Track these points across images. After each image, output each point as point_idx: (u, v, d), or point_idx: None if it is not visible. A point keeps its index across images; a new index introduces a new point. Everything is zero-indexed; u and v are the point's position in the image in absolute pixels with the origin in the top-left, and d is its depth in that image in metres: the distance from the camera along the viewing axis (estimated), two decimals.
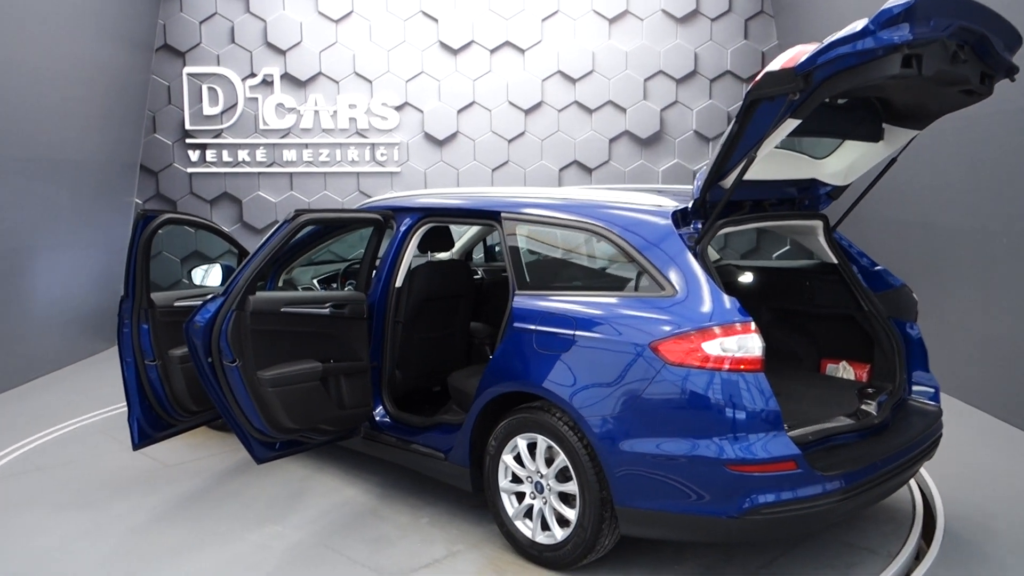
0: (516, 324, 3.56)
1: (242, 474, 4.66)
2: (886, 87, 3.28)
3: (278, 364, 3.71)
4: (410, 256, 4.35)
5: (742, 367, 3.00)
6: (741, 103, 2.97)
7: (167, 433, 4.42)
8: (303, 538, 3.85)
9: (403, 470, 4.46)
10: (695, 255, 3.23)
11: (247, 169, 8.35)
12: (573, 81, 8.35)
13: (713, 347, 3.01)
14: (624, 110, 8.38)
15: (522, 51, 8.32)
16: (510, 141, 8.41)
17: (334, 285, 5.48)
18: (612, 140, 8.42)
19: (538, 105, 8.37)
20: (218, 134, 8.31)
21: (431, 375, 4.74)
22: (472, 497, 3.98)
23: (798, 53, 2.86)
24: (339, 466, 4.73)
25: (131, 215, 8.35)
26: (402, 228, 4.35)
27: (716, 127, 8.39)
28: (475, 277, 5.22)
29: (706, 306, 3.09)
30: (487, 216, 4.00)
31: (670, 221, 3.34)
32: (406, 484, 4.45)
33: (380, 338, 4.32)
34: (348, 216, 4.12)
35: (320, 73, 8.28)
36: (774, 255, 8.20)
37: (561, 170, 8.45)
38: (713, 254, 4.04)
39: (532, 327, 3.50)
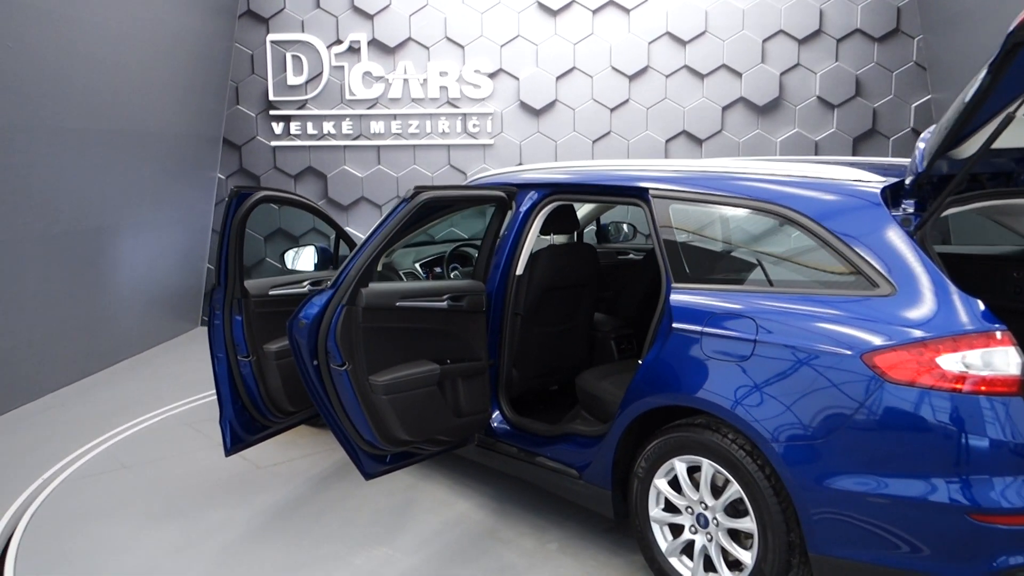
0: (676, 325, 2.96)
1: (340, 480, 4.21)
2: None
3: (392, 367, 3.19)
4: (532, 239, 3.79)
5: (986, 388, 2.34)
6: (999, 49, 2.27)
7: (261, 436, 3.98)
8: (416, 564, 3.35)
9: (518, 480, 3.93)
10: (916, 243, 2.57)
11: (332, 142, 7.90)
12: (683, 43, 7.62)
13: (952, 362, 2.35)
14: (739, 75, 7.61)
15: (627, 11, 7.62)
16: (612, 110, 7.74)
17: (437, 270, 4.96)
18: (725, 108, 7.67)
19: (644, 70, 7.67)
20: (302, 105, 7.87)
21: (550, 374, 4.19)
22: (605, 518, 3.42)
23: None
24: (447, 474, 4.23)
25: (214, 191, 8.01)
26: (524, 207, 3.78)
27: (842, 92, 7.55)
28: None
29: (939, 309, 2.44)
30: (630, 193, 3.39)
31: (880, 200, 2.68)
32: (524, 498, 3.92)
33: (497, 333, 3.79)
34: (471, 194, 3.57)
35: (409, 39, 7.74)
36: None
37: (668, 141, 7.75)
38: None
39: (697, 328, 2.89)
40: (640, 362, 3.11)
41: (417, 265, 4.86)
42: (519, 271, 3.76)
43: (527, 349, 3.92)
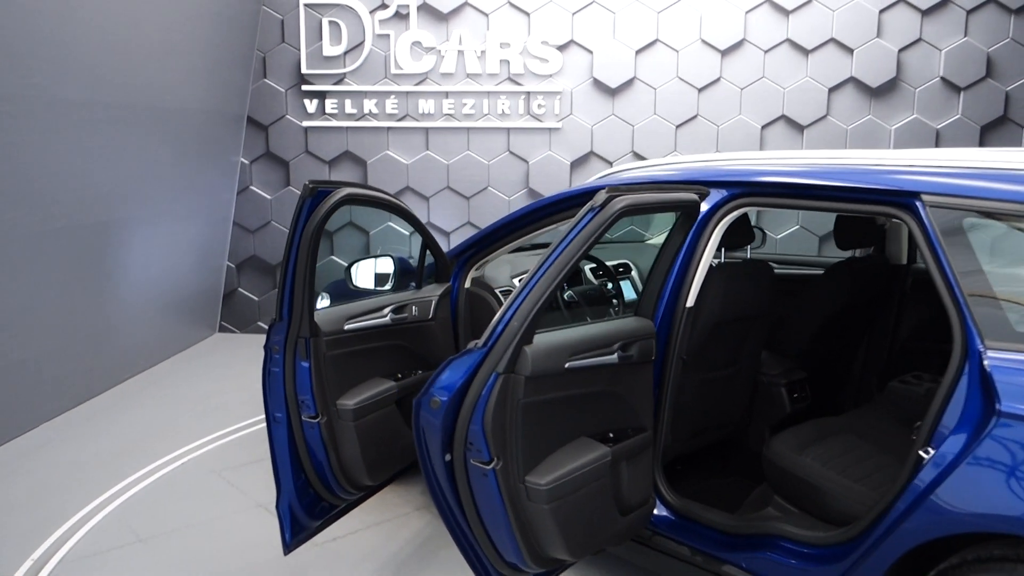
0: (1008, 409, 1.92)
1: (426, 567, 3.19)
2: None
3: (550, 457, 2.16)
4: (709, 258, 2.75)
5: None
6: None
7: (327, 520, 2.95)
8: None
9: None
10: None
11: (374, 123, 6.83)
12: (786, 13, 6.54)
13: None
14: (850, 51, 6.54)
15: None
16: (700, 90, 6.67)
17: None
18: (832, 89, 6.59)
19: (739, 44, 6.60)
20: (340, 79, 6.80)
21: (704, 433, 3.17)
22: None
23: None
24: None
25: (236, 178, 6.94)
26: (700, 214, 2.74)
27: (970, 72, 6.48)
28: None
29: None
30: (880, 200, 2.34)
31: None
32: None
33: (657, 385, 2.76)
34: (668, 197, 2.49)
35: (466, 3, 6.66)
36: None
37: (764, 127, 6.68)
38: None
39: None
40: (924, 453, 2.07)
41: (516, 281, 3.82)
42: (690, 301, 2.73)
43: (683, 403, 2.91)
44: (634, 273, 4.10)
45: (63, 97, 4.55)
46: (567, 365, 2.14)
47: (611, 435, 2.40)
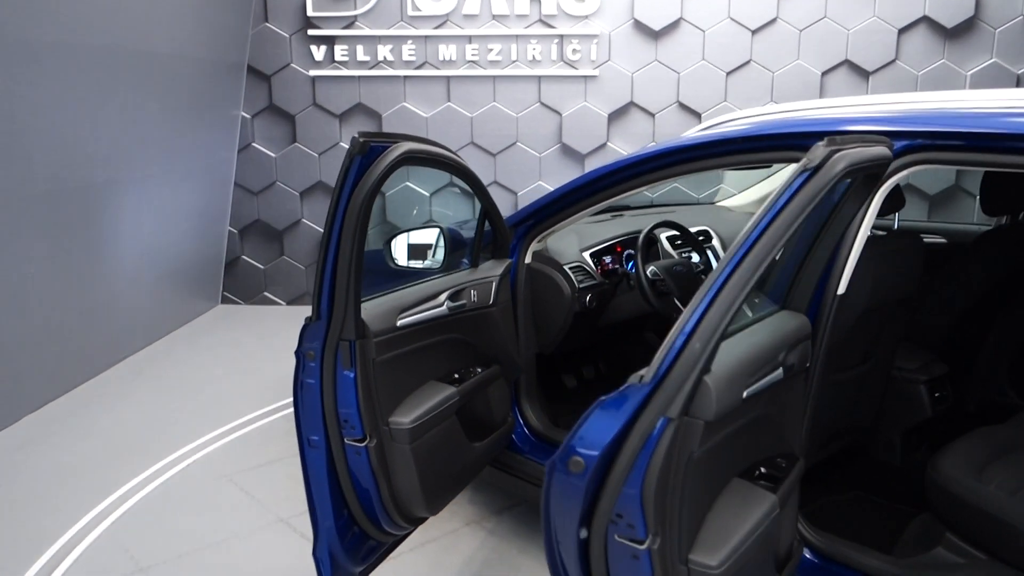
0: None
1: None
2: None
3: (711, 517, 1.56)
4: (866, 232, 2.12)
5: None
6: None
7: (374, 562, 2.36)
8: None
9: None
10: None
11: (389, 71, 6.13)
12: None
13: None
14: None
15: None
16: (754, 32, 5.97)
17: (608, 260, 3.29)
18: (902, 31, 5.90)
19: None
20: (351, 23, 6.08)
21: (829, 443, 2.59)
22: None
23: None
24: None
25: (236, 133, 6.26)
26: None
27: None
28: None
29: None
30: None
31: None
32: None
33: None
34: (877, 155, 1.83)
35: None
36: None
37: (824, 74, 6.00)
38: None
39: None
40: None
41: (586, 255, 3.18)
42: (842, 288, 2.10)
43: (815, 409, 2.31)
44: (715, 242, 3.49)
45: (35, 39, 3.86)
46: (745, 393, 1.53)
47: (762, 470, 1.79)
